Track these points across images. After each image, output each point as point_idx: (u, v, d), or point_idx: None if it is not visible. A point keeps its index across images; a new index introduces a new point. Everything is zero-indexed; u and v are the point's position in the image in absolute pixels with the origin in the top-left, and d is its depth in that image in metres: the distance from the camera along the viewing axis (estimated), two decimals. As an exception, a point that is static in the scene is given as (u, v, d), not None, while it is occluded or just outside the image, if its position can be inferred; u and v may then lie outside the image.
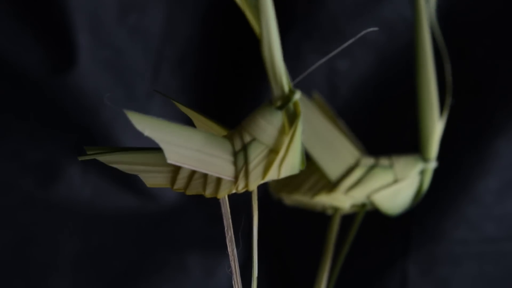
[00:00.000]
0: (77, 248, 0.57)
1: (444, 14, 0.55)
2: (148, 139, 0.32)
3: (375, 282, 0.59)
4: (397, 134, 0.58)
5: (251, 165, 0.33)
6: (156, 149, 0.32)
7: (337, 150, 0.45)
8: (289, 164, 0.33)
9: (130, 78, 0.55)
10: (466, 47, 0.55)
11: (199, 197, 0.41)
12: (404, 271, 0.58)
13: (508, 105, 0.54)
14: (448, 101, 0.41)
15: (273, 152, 0.33)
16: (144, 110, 0.56)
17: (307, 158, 0.45)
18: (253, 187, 0.33)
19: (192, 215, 0.60)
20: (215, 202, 0.35)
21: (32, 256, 0.57)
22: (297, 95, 0.32)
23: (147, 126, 0.31)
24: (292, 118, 0.33)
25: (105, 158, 0.34)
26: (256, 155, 0.33)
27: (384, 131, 0.59)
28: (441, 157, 0.59)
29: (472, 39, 0.56)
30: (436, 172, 0.58)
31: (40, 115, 0.55)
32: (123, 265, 0.59)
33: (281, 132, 0.33)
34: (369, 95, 0.58)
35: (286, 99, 0.32)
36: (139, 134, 0.60)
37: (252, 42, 0.57)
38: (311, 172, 0.46)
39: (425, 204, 0.47)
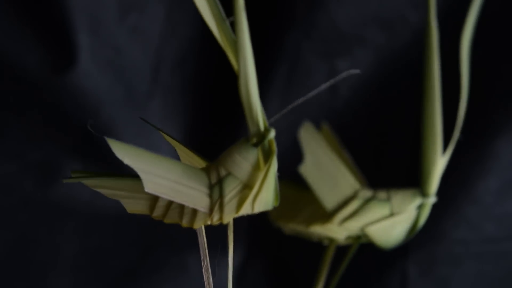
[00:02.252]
0: (77, 248, 0.57)
1: (444, 14, 0.55)
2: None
3: (375, 282, 0.59)
4: (397, 134, 0.58)
5: (226, 199, 0.34)
6: (137, 177, 0.33)
7: (336, 181, 0.45)
8: (262, 200, 0.34)
9: (130, 78, 0.55)
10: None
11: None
12: (404, 271, 0.58)
13: (508, 105, 0.54)
14: (456, 137, 0.41)
15: (247, 187, 0.34)
16: (144, 110, 0.56)
17: (307, 189, 0.45)
18: (227, 219, 0.34)
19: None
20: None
21: (32, 256, 0.57)
22: (272, 134, 0.33)
23: (126, 155, 0.32)
24: (267, 155, 0.33)
25: (89, 182, 0.35)
26: (231, 189, 0.34)
27: (384, 131, 0.59)
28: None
29: (472, 39, 0.56)
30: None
31: (40, 115, 0.55)
32: (123, 265, 0.59)
33: (256, 169, 0.33)
34: (369, 95, 0.58)
35: (262, 136, 0.33)
36: (139, 135, 0.60)
37: (252, 42, 0.57)
38: (309, 203, 0.46)
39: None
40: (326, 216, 0.45)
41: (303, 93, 0.37)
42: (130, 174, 0.35)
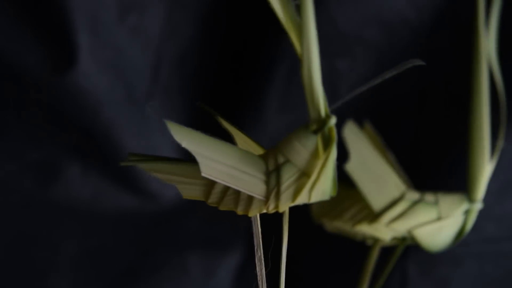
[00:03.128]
0: (77, 248, 0.57)
1: (444, 14, 0.55)
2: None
3: (375, 282, 0.59)
4: (397, 134, 0.58)
5: (283, 187, 0.33)
6: (193, 161, 0.32)
7: (383, 182, 0.45)
8: (320, 189, 0.33)
9: (130, 78, 0.55)
10: (466, 47, 0.55)
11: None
12: (404, 271, 0.58)
13: (508, 105, 0.54)
14: (501, 144, 0.41)
15: (305, 175, 0.33)
16: (144, 110, 0.56)
17: (352, 187, 0.45)
18: (284, 208, 0.33)
19: (192, 215, 0.60)
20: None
21: (32, 256, 0.57)
22: (333, 120, 0.32)
23: (185, 138, 0.32)
24: (327, 143, 0.32)
25: (145, 166, 0.34)
26: (288, 177, 0.33)
27: (384, 131, 0.59)
28: (441, 157, 0.59)
29: (472, 39, 0.55)
30: (436, 172, 0.58)
31: (40, 115, 0.55)
32: (123, 265, 0.59)
33: (315, 156, 0.33)
34: (369, 95, 0.58)
35: (322, 123, 0.32)
36: (139, 135, 0.60)
37: (252, 42, 0.57)
38: (355, 201, 0.46)
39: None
40: (372, 215, 0.45)
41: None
42: (185, 159, 0.34)
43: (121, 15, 0.53)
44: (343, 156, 0.44)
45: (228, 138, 0.35)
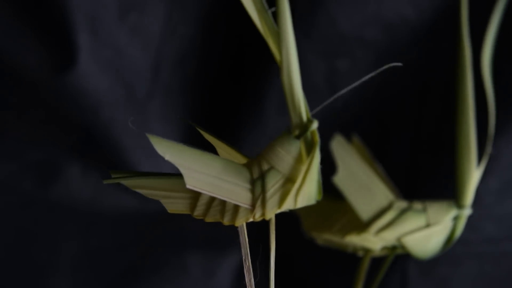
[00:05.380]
0: (77, 248, 0.57)
1: (444, 14, 0.55)
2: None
3: (374, 282, 0.59)
4: (397, 134, 0.58)
5: (268, 194, 0.33)
6: (177, 175, 0.33)
7: (370, 192, 0.45)
8: (305, 194, 0.33)
9: (130, 78, 0.55)
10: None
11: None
12: (404, 271, 0.58)
13: (508, 106, 0.54)
14: (488, 149, 0.41)
15: (290, 181, 0.33)
16: (144, 110, 0.56)
17: (341, 200, 0.45)
18: (270, 215, 0.33)
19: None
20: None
21: (32, 256, 0.57)
22: (315, 125, 0.32)
23: (167, 150, 0.32)
24: (310, 147, 0.32)
25: (128, 182, 0.34)
26: (273, 183, 0.33)
27: (384, 131, 0.59)
28: (441, 157, 0.59)
29: (472, 39, 0.55)
30: (436, 172, 0.58)
31: (40, 115, 0.55)
32: (123, 265, 0.59)
33: (299, 161, 0.33)
34: (369, 95, 0.58)
35: (304, 128, 0.32)
36: (139, 135, 0.60)
37: (252, 42, 0.57)
38: (344, 213, 0.46)
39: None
40: (362, 226, 0.45)
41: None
42: (169, 173, 0.34)
43: (121, 15, 0.53)
44: (331, 168, 0.44)
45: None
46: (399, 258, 0.57)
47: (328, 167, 0.43)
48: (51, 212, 0.57)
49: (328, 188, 0.45)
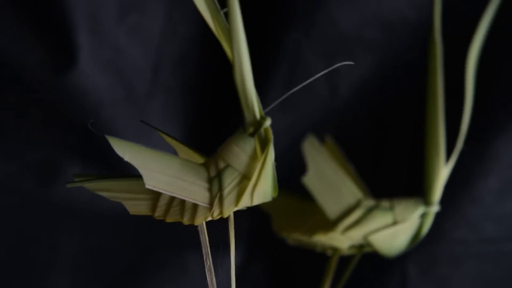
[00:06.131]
0: (76, 248, 0.57)
1: (444, 14, 0.55)
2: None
3: (374, 282, 0.59)
4: (397, 134, 0.58)
5: (225, 191, 0.34)
6: (137, 176, 0.33)
7: (339, 191, 0.45)
8: (261, 191, 0.34)
9: (130, 78, 0.55)
10: (466, 47, 0.55)
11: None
12: (404, 271, 0.58)
13: (508, 105, 0.54)
14: (459, 146, 0.41)
15: (246, 178, 0.33)
16: (144, 110, 0.56)
17: (311, 201, 0.46)
18: (228, 213, 0.34)
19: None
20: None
21: (32, 256, 0.57)
22: (268, 122, 0.33)
23: (127, 151, 0.33)
24: (264, 144, 0.33)
25: (90, 186, 0.35)
26: (230, 181, 0.34)
27: (384, 131, 0.59)
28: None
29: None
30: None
31: (40, 115, 0.55)
32: (123, 265, 0.59)
33: (254, 159, 0.33)
34: (369, 95, 0.58)
35: (258, 125, 0.33)
36: (139, 135, 0.60)
37: (252, 42, 0.57)
38: (314, 213, 0.47)
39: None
40: (330, 226, 0.45)
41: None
42: (130, 174, 0.35)
43: (121, 15, 0.53)
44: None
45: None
46: (398, 258, 0.58)
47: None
48: (51, 212, 0.57)
49: (299, 189, 0.46)
